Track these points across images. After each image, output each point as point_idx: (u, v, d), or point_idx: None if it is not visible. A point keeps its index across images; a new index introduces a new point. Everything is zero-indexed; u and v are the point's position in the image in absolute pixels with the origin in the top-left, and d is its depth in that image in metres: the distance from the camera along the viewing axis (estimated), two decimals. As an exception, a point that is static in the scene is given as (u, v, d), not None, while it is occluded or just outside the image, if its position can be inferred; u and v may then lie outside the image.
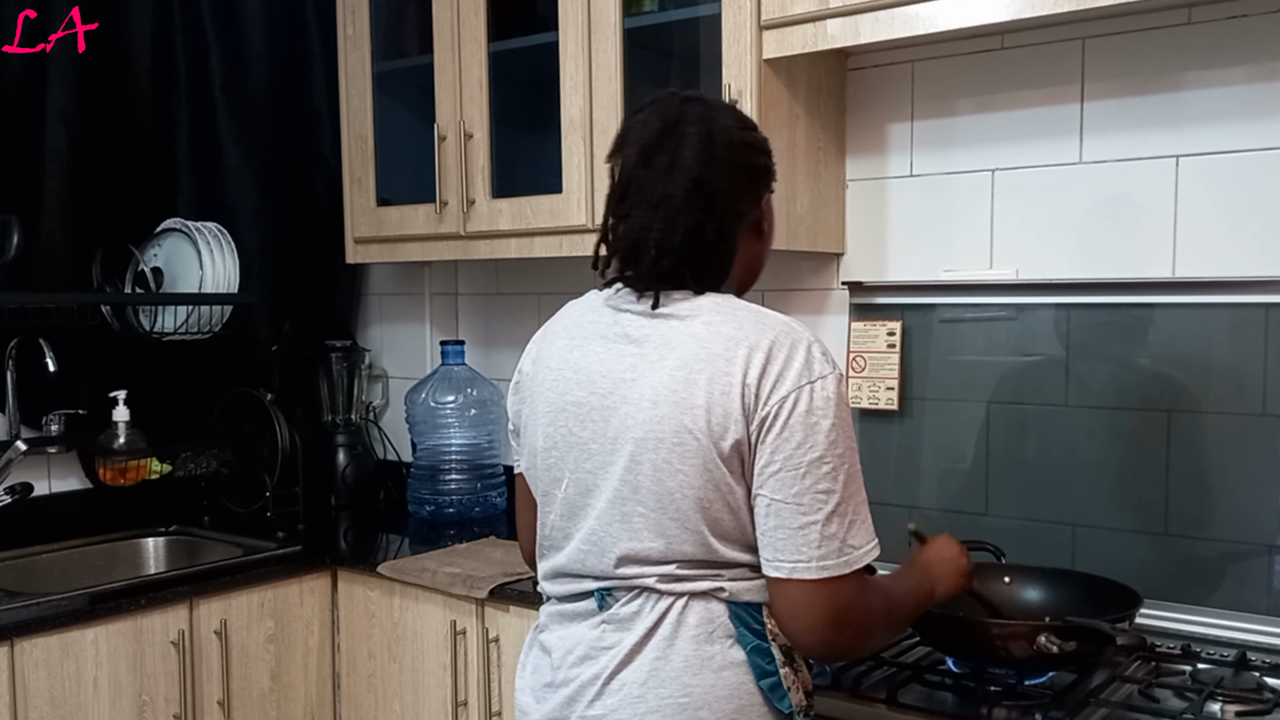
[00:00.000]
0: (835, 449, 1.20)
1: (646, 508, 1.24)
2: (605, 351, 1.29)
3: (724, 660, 1.24)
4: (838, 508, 1.19)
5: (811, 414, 1.19)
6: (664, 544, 1.24)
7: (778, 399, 1.19)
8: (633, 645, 1.24)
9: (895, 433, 2.10)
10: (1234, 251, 1.80)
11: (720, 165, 1.28)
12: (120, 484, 2.47)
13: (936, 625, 1.59)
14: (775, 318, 1.26)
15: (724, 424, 1.20)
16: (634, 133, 1.31)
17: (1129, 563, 1.83)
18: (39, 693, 1.92)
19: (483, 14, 2.33)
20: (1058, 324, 1.92)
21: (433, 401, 2.64)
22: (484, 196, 2.35)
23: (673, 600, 1.24)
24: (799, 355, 1.21)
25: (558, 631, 1.33)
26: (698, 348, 1.23)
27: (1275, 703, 1.47)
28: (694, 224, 1.26)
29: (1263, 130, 1.78)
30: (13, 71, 2.37)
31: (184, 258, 2.56)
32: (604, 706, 1.24)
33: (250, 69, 2.73)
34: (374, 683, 2.28)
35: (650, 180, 1.27)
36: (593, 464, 1.28)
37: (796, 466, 1.19)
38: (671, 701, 1.22)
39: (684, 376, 1.22)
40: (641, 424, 1.23)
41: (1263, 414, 1.74)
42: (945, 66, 2.07)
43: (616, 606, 1.27)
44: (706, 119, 1.29)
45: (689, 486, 1.22)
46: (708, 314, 1.26)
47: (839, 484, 1.20)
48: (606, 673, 1.25)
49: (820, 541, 1.19)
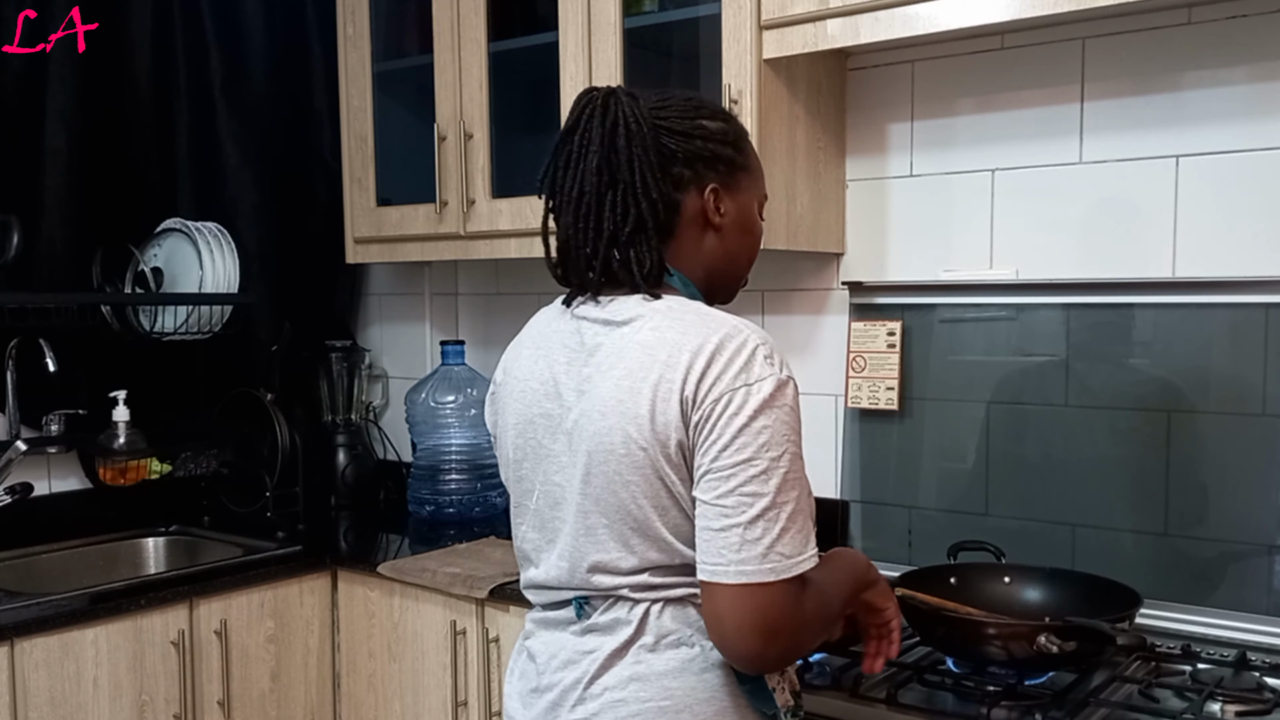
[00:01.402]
0: (768, 452, 1.14)
1: (608, 519, 1.23)
2: (568, 362, 1.28)
3: (705, 663, 1.23)
4: (765, 512, 1.13)
5: (742, 415, 1.14)
6: (630, 554, 1.23)
7: (711, 400, 1.16)
8: (613, 650, 1.23)
9: (895, 433, 2.10)
10: (1234, 251, 1.80)
11: (622, 155, 1.23)
12: (120, 484, 2.47)
13: (936, 625, 1.59)
14: (724, 320, 1.21)
15: (666, 430, 1.18)
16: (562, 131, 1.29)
17: (1129, 563, 1.83)
18: (39, 693, 1.92)
19: (483, 14, 2.33)
20: (1058, 324, 1.92)
21: (433, 401, 2.64)
22: (484, 196, 2.35)
23: (649, 605, 1.23)
24: (740, 358, 1.17)
25: (542, 638, 1.33)
26: (643, 355, 1.20)
27: (1275, 703, 1.47)
28: (615, 220, 1.23)
29: (1263, 130, 1.78)
30: (13, 71, 2.37)
31: (184, 258, 2.56)
32: (586, 711, 1.24)
33: (250, 69, 2.73)
34: (374, 683, 2.28)
35: (566, 179, 1.26)
36: (561, 476, 1.27)
37: (722, 469, 1.15)
38: (653, 704, 1.21)
39: (629, 386, 1.20)
40: (592, 436, 1.22)
41: (1263, 414, 1.74)
42: (945, 66, 2.07)
43: (595, 615, 1.26)
44: (619, 107, 1.25)
45: (642, 496, 1.20)
46: (656, 319, 1.22)
47: (769, 488, 1.14)
48: (588, 677, 1.24)
49: (741, 545, 1.13)
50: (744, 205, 1.33)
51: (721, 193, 1.29)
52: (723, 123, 1.31)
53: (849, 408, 2.14)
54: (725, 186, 1.29)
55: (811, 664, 1.64)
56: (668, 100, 1.29)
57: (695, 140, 1.27)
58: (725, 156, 1.29)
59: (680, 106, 1.29)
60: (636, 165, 1.23)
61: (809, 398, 2.25)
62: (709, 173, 1.28)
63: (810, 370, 2.26)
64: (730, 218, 1.31)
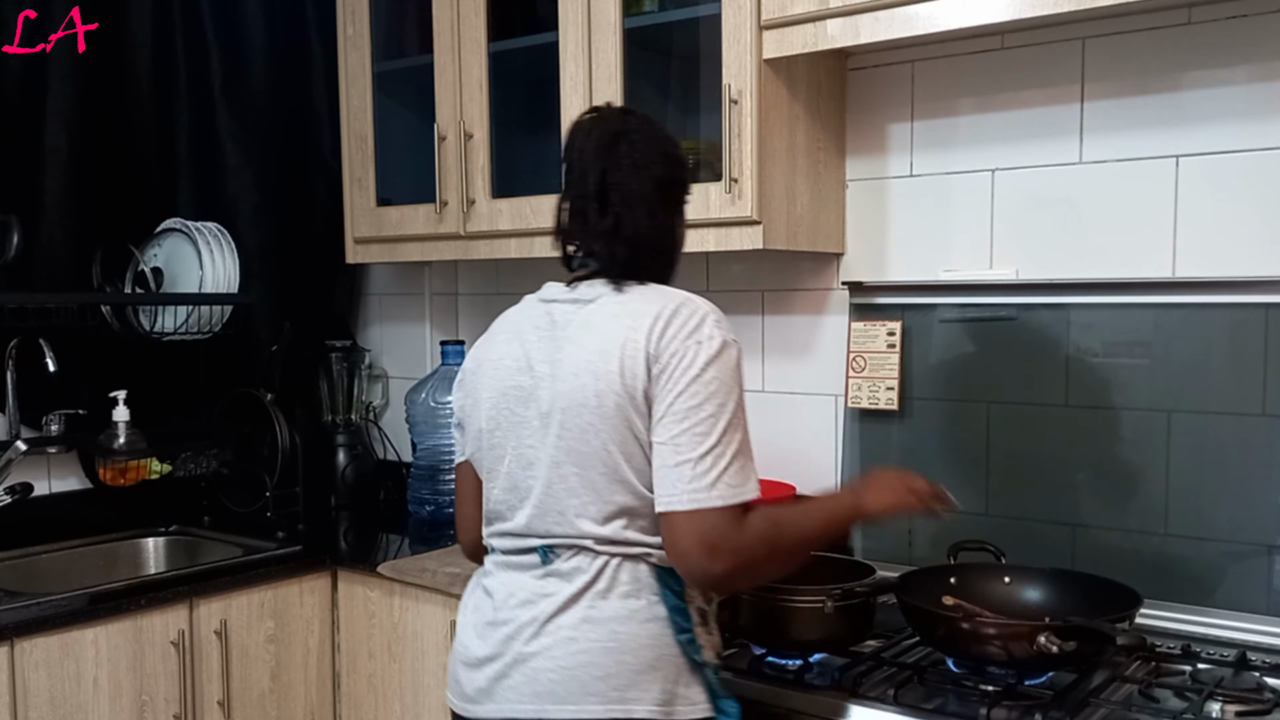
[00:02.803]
0: (715, 399, 1.33)
1: (578, 468, 1.38)
2: (539, 340, 1.45)
3: (649, 614, 1.38)
4: (712, 449, 1.32)
5: (694, 367, 1.34)
6: (597, 499, 1.38)
7: (670, 353, 1.35)
8: (570, 595, 1.39)
9: (895, 433, 2.10)
10: (1234, 251, 1.80)
11: (629, 169, 1.44)
12: (120, 484, 2.48)
13: (936, 625, 1.59)
14: (682, 294, 1.41)
15: (634, 381, 1.35)
16: (577, 139, 1.48)
17: (1129, 563, 1.83)
18: (39, 693, 1.92)
19: (483, 14, 2.33)
20: (1057, 324, 1.92)
21: (433, 401, 2.64)
22: (484, 196, 2.35)
23: (607, 560, 1.39)
24: (694, 320, 1.37)
25: (500, 577, 1.47)
26: (611, 322, 1.39)
27: (1275, 703, 1.47)
28: (613, 222, 1.44)
29: (1263, 130, 1.78)
30: (13, 71, 2.37)
31: (184, 258, 2.56)
32: (539, 645, 1.38)
33: (250, 69, 2.73)
34: (374, 683, 2.28)
35: (619, 177, 1.45)
36: (533, 439, 1.42)
37: (677, 413, 1.33)
38: (600, 644, 1.37)
39: (599, 348, 1.38)
40: (565, 394, 1.39)
41: (1263, 414, 1.74)
42: (945, 66, 2.07)
43: (558, 562, 1.41)
44: (632, 128, 1.46)
45: (611, 442, 1.37)
46: (621, 295, 1.43)
47: (716, 429, 1.33)
48: (545, 616, 1.39)
49: (692, 477, 1.31)
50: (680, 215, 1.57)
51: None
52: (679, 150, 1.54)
53: (849, 408, 2.14)
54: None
55: (811, 664, 1.64)
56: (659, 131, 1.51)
57: (687, 169, 1.55)
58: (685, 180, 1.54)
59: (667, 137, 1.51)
60: (676, 185, 1.50)
61: (809, 397, 2.26)
62: (685, 196, 1.54)
63: (810, 370, 2.26)
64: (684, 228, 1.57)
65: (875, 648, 1.71)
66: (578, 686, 1.36)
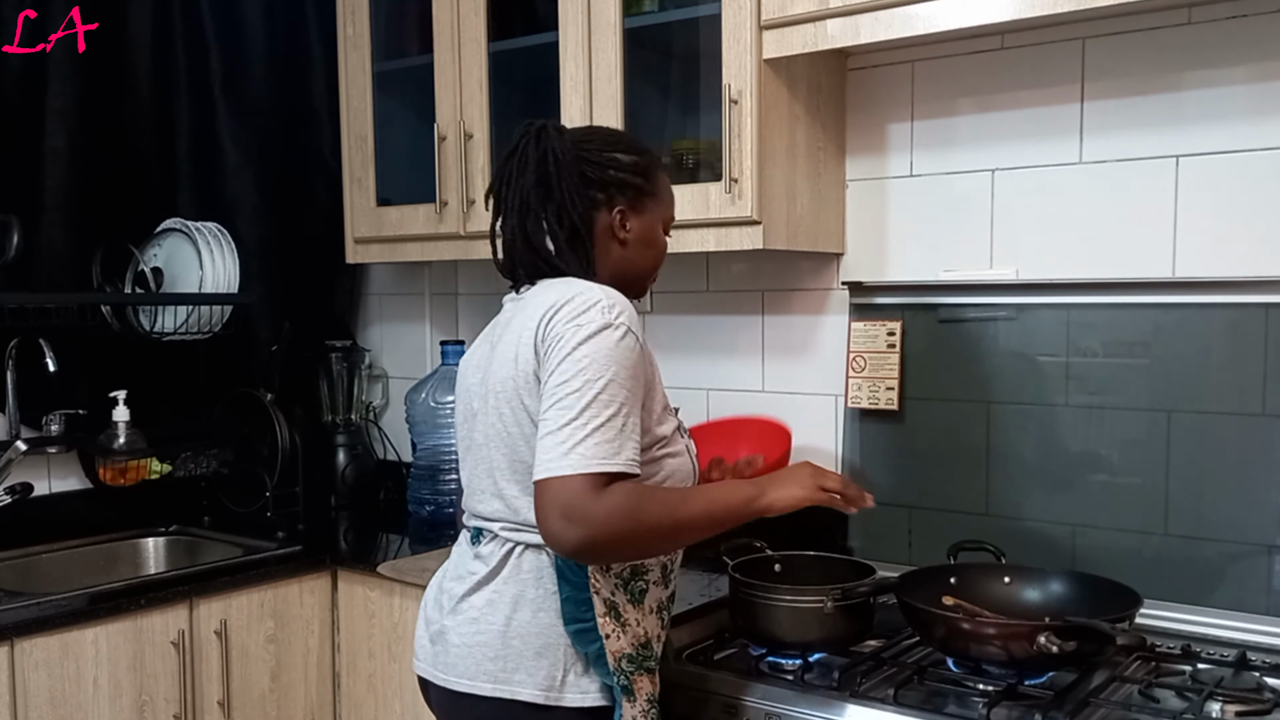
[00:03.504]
0: (584, 374, 1.36)
1: (487, 451, 1.50)
2: (490, 337, 1.57)
3: (541, 604, 1.47)
4: (572, 420, 1.34)
5: (570, 345, 1.38)
6: (503, 480, 1.48)
7: (553, 335, 1.40)
8: (483, 576, 1.50)
9: (895, 433, 2.10)
10: (1234, 251, 1.80)
11: (553, 177, 1.51)
12: (120, 484, 2.48)
13: (936, 625, 1.59)
14: (584, 284, 1.46)
15: (526, 366, 1.43)
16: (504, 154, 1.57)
17: (1129, 563, 1.83)
18: (39, 693, 1.92)
19: (483, 14, 2.33)
20: (1058, 324, 1.92)
21: (433, 401, 2.64)
22: (484, 196, 2.35)
23: (513, 547, 1.49)
24: (580, 306, 1.41)
25: (460, 549, 1.61)
26: (525, 318, 1.47)
27: (1275, 703, 1.47)
28: (553, 227, 1.52)
29: (1263, 130, 1.78)
30: (13, 71, 2.37)
31: (184, 258, 2.56)
32: (452, 621, 1.52)
33: (250, 69, 2.73)
34: (374, 683, 2.28)
35: (509, 193, 1.54)
36: (479, 429, 1.53)
37: (551, 388, 1.38)
38: (495, 627, 1.47)
39: (513, 340, 1.47)
40: (491, 385, 1.50)
41: (1263, 414, 1.74)
42: (945, 66, 2.07)
43: (481, 544, 1.54)
44: (548, 140, 1.52)
45: (511, 425, 1.46)
46: (541, 290, 1.49)
47: (582, 402, 1.35)
48: (463, 592, 1.52)
49: (552, 447, 1.35)
50: (647, 225, 1.59)
51: (627, 213, 1.56)
52: (635, 156, 1.57)
53: (849, 408, 2.14)
54: (632, 209, 1.56)
55: (811, 664, 1.64)
56: (591, 135, 1.59)
57: (608, 170, 1.55)
58: (634, 184, 1.56)
59: (600, 142, 1.57)
60: (564, 186, 1.52)
61: (809, 397, 2.26)
62: (618, 196, 1.55)
63: (810, 370, 2.26)
64: (634, 234, 1.57)
65: (875, 648, 1.71)
66: (473, 664, 1.48)
